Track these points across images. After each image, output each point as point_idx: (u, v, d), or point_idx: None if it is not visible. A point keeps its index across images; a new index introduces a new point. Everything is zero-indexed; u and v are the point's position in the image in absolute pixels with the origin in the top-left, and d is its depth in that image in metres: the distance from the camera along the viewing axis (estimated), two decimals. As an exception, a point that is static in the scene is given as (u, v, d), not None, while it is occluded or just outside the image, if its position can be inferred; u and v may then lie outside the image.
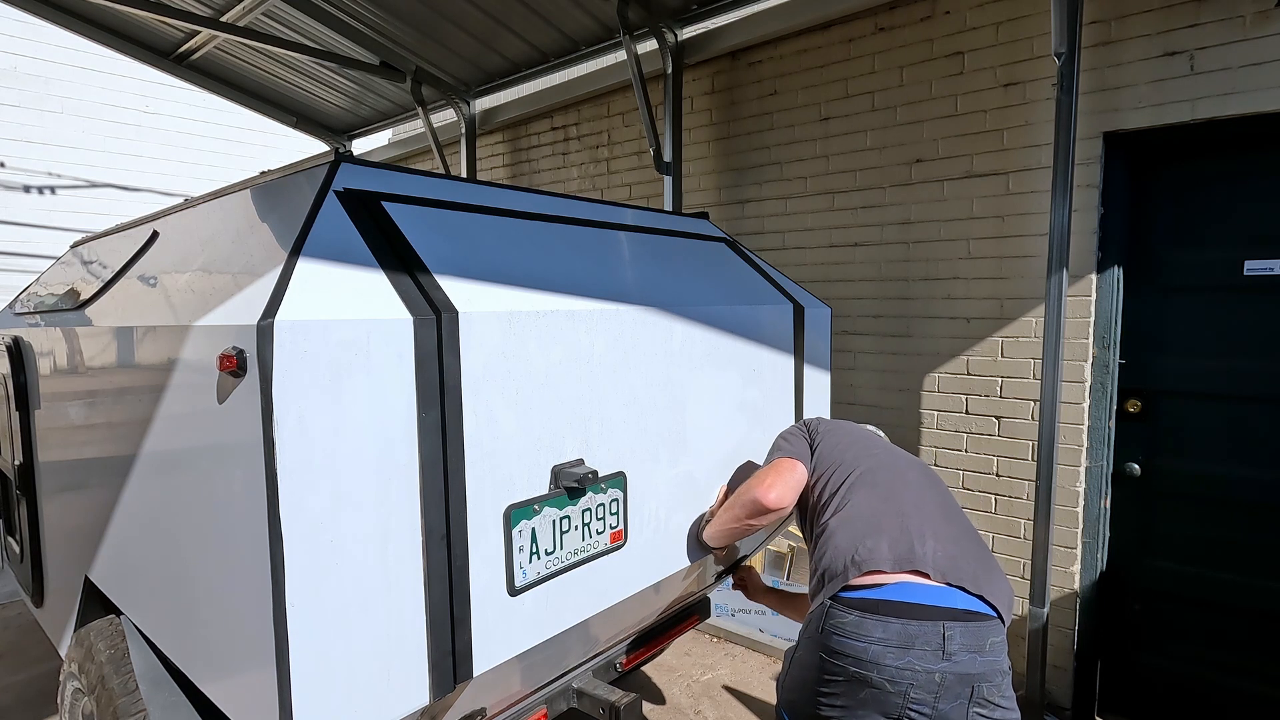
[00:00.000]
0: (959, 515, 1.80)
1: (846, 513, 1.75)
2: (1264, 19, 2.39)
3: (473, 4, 3.89)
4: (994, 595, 1.56)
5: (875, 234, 3.33)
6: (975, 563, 1.62)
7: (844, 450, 1.95)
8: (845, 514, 1.75)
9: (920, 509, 1.73)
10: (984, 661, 1.49)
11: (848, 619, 1.53)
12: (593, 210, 2.22)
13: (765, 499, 1.87)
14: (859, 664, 1.49)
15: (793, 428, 2.14)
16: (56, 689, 2.97)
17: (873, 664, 1.47)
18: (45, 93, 6.97)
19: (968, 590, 1.53)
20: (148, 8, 3.89)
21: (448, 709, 1.59)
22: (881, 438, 2.12)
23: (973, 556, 1.64)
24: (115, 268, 2.19)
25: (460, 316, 1.46)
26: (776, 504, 1.87)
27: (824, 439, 2.02)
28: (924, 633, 1.47)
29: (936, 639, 1.47)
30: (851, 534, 1.68)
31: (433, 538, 1.42)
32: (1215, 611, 2.69)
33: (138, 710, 1.75)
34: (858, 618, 1.52)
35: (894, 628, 1.48)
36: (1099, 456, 2.82)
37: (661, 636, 2.43)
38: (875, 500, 1.76)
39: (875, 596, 1.53)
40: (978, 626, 1.50)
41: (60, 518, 2.34)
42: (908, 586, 1.53)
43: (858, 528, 1.69)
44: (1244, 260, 2.55)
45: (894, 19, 3.21)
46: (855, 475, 1.84)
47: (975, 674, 1.48)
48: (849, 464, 1.89)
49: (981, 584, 1.56)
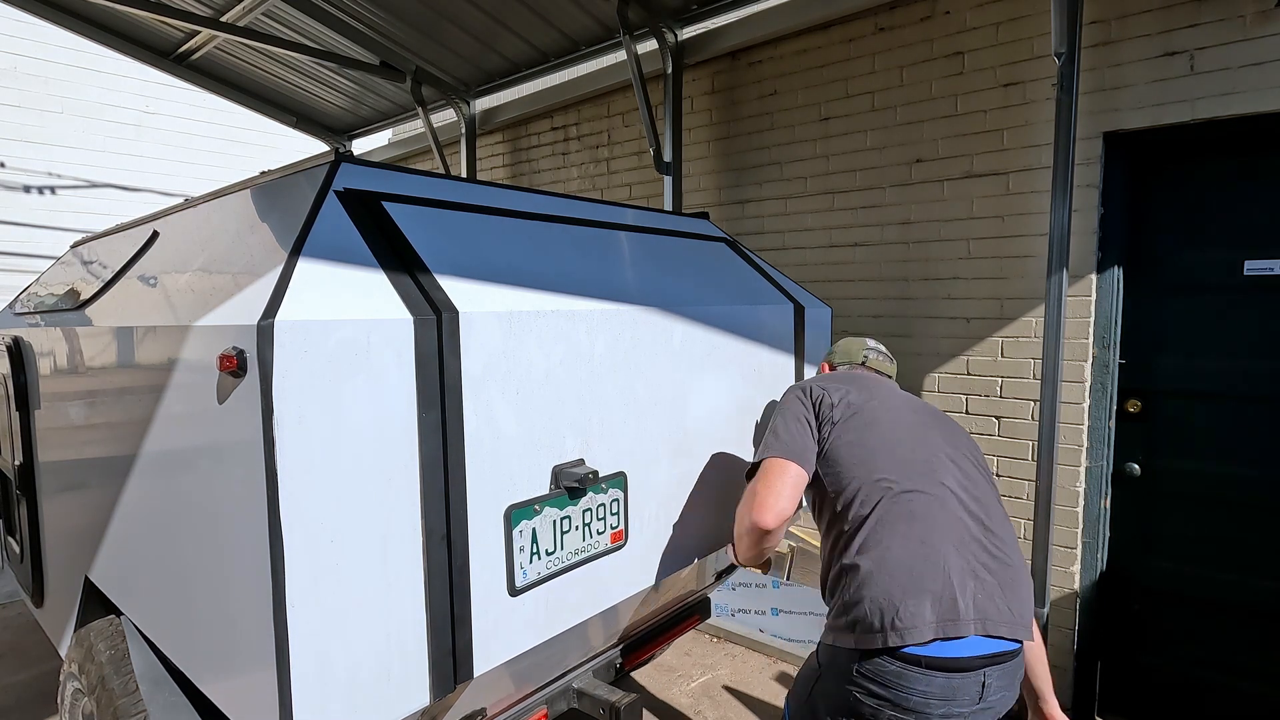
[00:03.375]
0: (994, 509, 1.66)
1: (880, 556, 1.54)
2: (1264, 19, 2.39)
3: (473, 4, 3.89)
4: (1024, 618, 1.55)
5: (875, 234, 3.33)
6: (1009, 592, 1.54)
7: (869, 449, 1.69)
8: (879, 558, 1.54)
9: (962, 542, 1.56)
10: (1012, 695, 1.56)
11: (888, 669, 1.47)
12: (593, 210, 2.22)
13: (764, 521, 1.67)
14: (898, 709, 1.47)
15: (791, 398, 1.85)
16: (56, 689, 2.97)
17: (914, 712, 1.47)
18: (45, 93, 6.97)
19: (1004, 636, 1.51)
20: (148, 8, 3.89)
21: (448, 709, 1.59)
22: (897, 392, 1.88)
23: (1008, 582, 1.55)
24: (115, 268, 2.19)
25: (460, 316, 1.46)
26: (778, 521, 1.68)
27: (839, 427, 1.74)
28: (966, 684, 1.47)
29: (976, 688, 1.49)
30: (889, 588, 1.51)
31: (433, 538, 1.42)
32: (1215, 611, 2.69)
33: (138, 711, 1.75)
34: (899, 669, 1.46)
35: (938, 682, 1.45)
36: (1099, 456, 2.82)
37: (661, 636, 2.43)
38: (914, 543, 1.55)
39: (918, 654, 1.46)
40: (1011, 665, 1.53)
41: (60, 518, 2.34)
42: (950, 644, 1.49)
43: (898, 581, 1.51)
44: (1244, 260, 2.55)
45: (894, 19, 3.21)
46: (888, 499, 1.61)
47: (1003, 707, 1.55)
48: (877, 471, 1.65)
49: (1014, 615, 1.53)
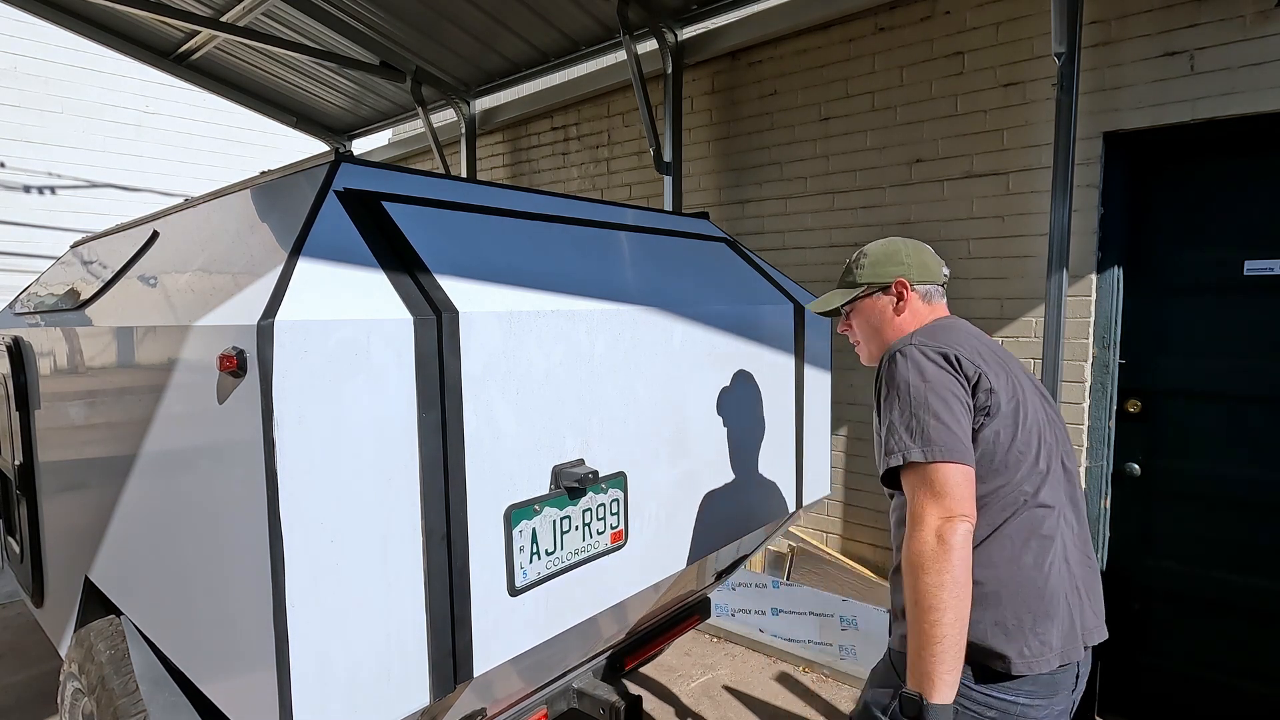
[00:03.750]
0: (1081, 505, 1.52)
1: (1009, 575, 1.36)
2: (1264, 19, 2.39)
3: (473, 4, 3.89)
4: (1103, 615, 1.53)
5: (875, 234, 3.33)
6: (1096, 597, 1.49)
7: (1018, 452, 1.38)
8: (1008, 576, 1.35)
9: (1076, 560, 1.44)
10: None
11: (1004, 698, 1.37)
12: (593, 210, 2.22)
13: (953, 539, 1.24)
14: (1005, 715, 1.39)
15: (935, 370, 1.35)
16: (56, 689, 2.96)
17: (1020, 716, 1.40)
18: (45, 93, 6.97)
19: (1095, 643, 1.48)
20: (148, 8, 3.89)
21: (448, 709, 1.59)
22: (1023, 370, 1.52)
23: (1095, 587, 1.49)
24: (115, 268, 2.19)
25: (460, 316, 1.46)
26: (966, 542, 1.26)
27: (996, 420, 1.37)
28: (1064, 679, 1.42)
29: (1072, 679, 1.44)
30: (1019, 612, 1.34)
31: (433, 538, 1.42)
32: (1215, 611, 2.69)
33: (138, 711, 1.75)
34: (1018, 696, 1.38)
35: (1043, 679, 1.39)
36: (1099, 456, 2.82)
37: (661, 636, 2.43)
38: (1048, 559, 1.38)
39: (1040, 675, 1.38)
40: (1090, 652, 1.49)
41: (60, 518, 2.34)
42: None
43: (1028, 605, 1.35)
44: (1244, 260, 2.55)
45: (894, 19, 3.21)
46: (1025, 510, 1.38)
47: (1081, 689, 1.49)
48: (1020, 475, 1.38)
49: (1100, 618, 1.50)
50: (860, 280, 1.61)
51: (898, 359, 1.40)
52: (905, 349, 1.40)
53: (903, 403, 1.35)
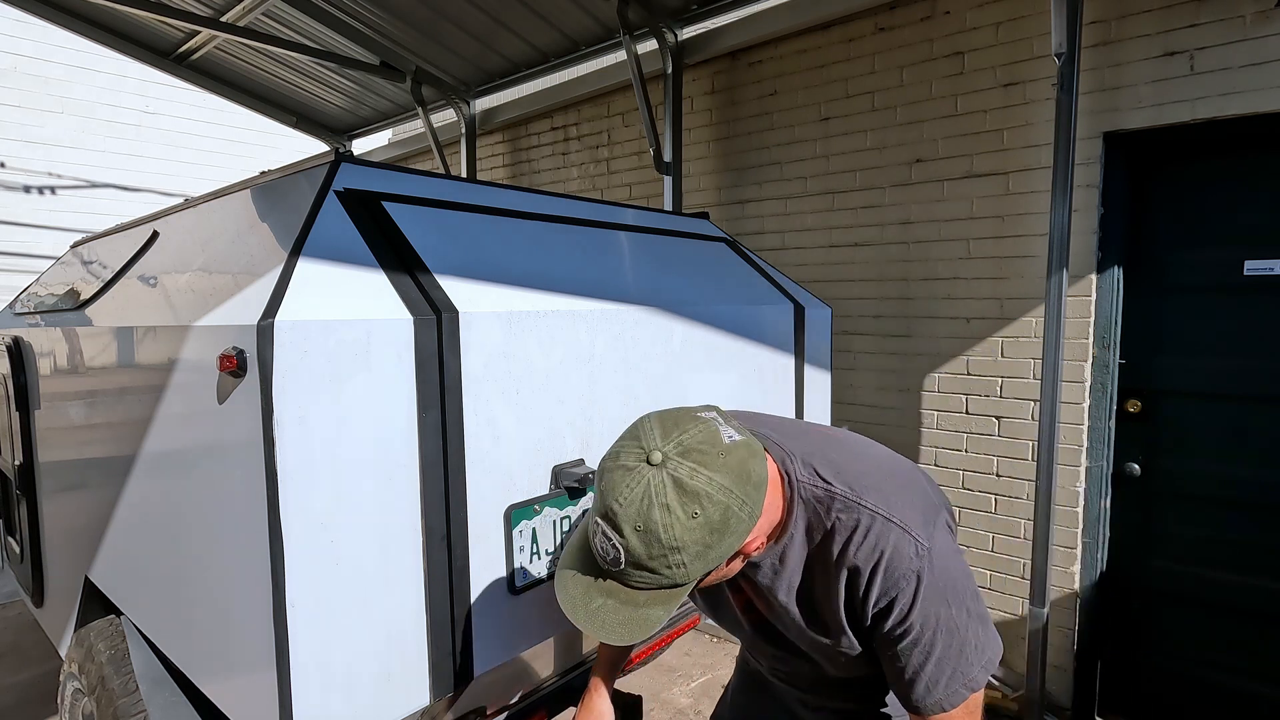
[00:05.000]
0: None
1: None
2: (1264, 19, 2.39)
3: (473, 4, 3.89)
4: None
5: (875, 234, 3.33)
6: None
7: None
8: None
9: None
10: None
11: None
12: (593, 210, 2.22)
13: None
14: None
15: (960, 566, 1.06)
16: (56, 689, 2.96)
17: None
18: (45, 93, 6.97)
19: None
20: (148, 8, 3.89)
21: (448, 709, 1.59)
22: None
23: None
24: (115, 268, 2.19)
25: (460, 316, 1.46)
26: None
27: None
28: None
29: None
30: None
31: (433, 538, 1.42)
32: (1215, 611, 2.69)
33: (138, 710, 1.75)
34: None
35: None
36: (1099, 456, 2.82)
37: (661, 636, 2.43)
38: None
39: None
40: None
41: (60, 518, 2.34)
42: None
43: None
44: (1244, 260, 2.55)
45: (894, 19, 3.21)
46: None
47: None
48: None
49: None
50: (689, 578, 0.96)
51: (923, 575, 1.01)
52: (916, 550, 1.01)
53: (945, 620, 1.02)
